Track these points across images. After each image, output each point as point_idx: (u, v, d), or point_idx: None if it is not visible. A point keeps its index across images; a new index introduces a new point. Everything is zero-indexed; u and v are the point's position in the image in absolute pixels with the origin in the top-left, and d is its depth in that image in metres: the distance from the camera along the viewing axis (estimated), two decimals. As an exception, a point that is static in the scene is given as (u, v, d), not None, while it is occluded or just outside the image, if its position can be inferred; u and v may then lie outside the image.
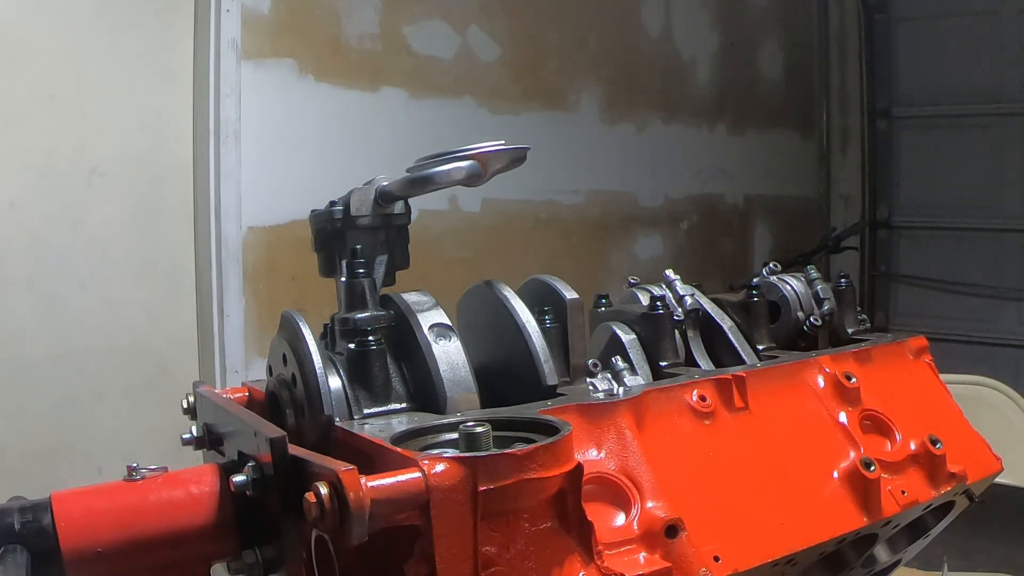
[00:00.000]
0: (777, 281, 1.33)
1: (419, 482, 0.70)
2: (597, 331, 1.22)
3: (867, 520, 1.01)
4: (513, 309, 1.03)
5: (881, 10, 5.75)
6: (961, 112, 5.53)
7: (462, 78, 3.97)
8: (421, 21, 3.83)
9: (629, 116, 4.72)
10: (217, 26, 3.17)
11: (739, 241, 5.44)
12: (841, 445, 1.06)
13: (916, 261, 5.82)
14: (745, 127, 5.37)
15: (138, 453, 1.01)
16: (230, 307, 3.26)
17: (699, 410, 0.99)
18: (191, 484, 0.87)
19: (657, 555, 0.84)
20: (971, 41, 5.39)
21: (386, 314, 1.02)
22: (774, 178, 5.63)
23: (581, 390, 1.03)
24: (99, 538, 0.82)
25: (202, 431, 1.07)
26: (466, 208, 3.97)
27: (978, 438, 1.23)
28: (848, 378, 1.11)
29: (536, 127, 4.23)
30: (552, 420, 0.82)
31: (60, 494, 0.83)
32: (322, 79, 3.46)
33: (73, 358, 2.75)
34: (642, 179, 4.80)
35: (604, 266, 4.60)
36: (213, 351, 3.26)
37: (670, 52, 4.95)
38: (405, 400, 0.98)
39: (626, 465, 0.89)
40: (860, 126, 5.89)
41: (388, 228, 1.10)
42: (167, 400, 1.36)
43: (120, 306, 2.95)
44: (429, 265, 3.43)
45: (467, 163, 1.02)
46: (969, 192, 5.52)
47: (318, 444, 0.91)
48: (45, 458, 2.69)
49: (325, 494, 0.68)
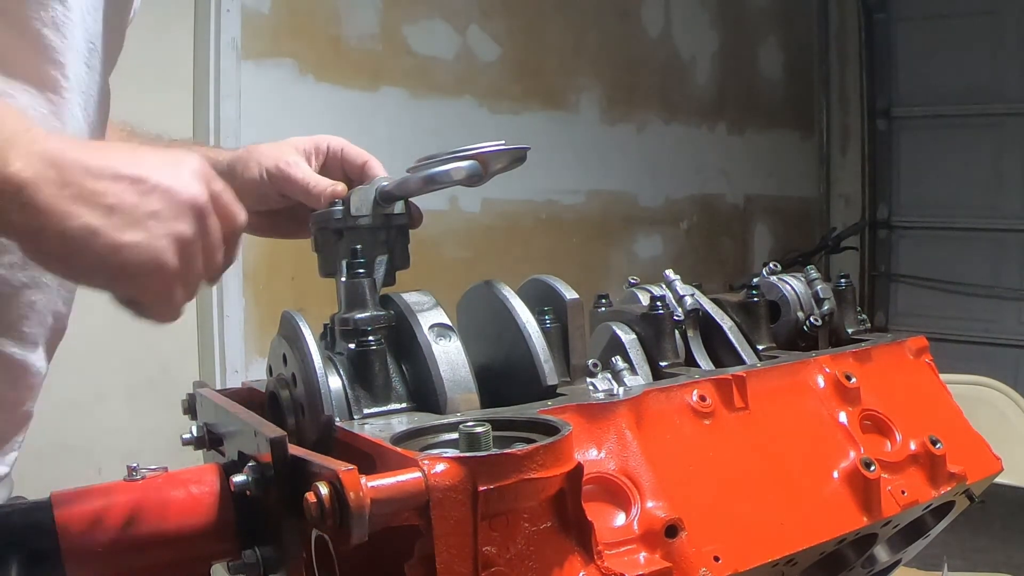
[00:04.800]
0: (777, 281, 1.33)
1: (419, 482, 0.70)
2: (597, 331, 1.22)
3: (867, 520, 1.01)
4: (513, 309, 1.03)
5: (881, 10, 5.76)
6: (961, 112, 5.53)
7: (462, 78, 3.98)
8: (421, 21, 3.83)
9: (629, 116, 4.72)
10: (217, 26, 3.17)
11: (739, 241, 5.44)
12: (841, 445, 1.06)
13: (916, 261, 5.82)
14: (745, 127, 5.37)
15: (138, 453, 1.01)
16: (230, 307, 3.26)
17: (699, 410, 0.99)
18: (191, 484, 0.87)
19: (657, 555, 0.84)
20: (971, 41, 5.39)
21: (386, 314, 1.02)
22: (774, 178, 5.63)
23: (581, 390, 1.03)
24: (99, 538, 0.82)
25: (202, 431, 1.07)
26: (466, 208, 3.97)
27: (978, 438, 1.23)
28: (848, 378, 1.11)
29: (536, 127, 4.23)
30: (552, 420, 0.82)
31: (60, 494, 0.83)
32: (322, 79, 3.46)
33: (73, 357, 2.75)
34: (642, 179, 4.80)
35: (604, 266, 4.60)
36: (213, 351, 3.26)
37: (670, 52, 4.95)
38: (405, 400, 0.98)
39: (626, 465, 0.89)
40: (860, 126, 5.89)
41: (388, 228, 1.10)
42: (167, 400, 1.36)
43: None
44: (429, 265, 3.43)
45: (467, 163, 1.02)
46: (969, 192, 5.52)
47: (318, 444, 0.91)
48: (45, 458, 2.69)
49: (325, 494, 0.68)
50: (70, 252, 0.73)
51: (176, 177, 0.78)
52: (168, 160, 0.80)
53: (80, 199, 0.71)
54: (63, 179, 0.71)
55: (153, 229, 0.75)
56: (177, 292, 0.81)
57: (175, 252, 0.78)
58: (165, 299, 0.81)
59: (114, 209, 0.73)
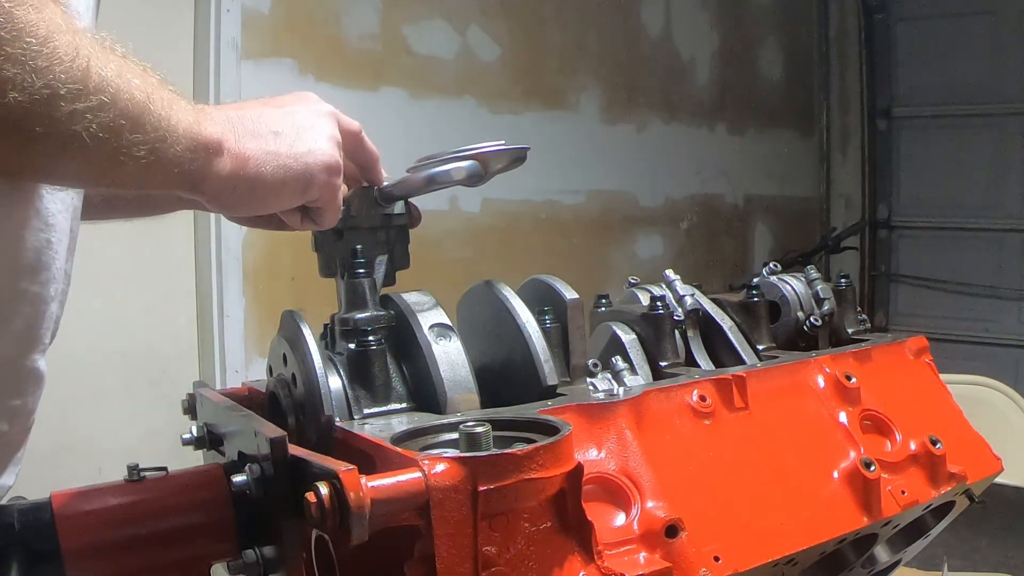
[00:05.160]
0: (777, 281, 1.33)
1: (419, 482, 0.70)
2: (597, 331, 1.22)
3: (867, 520, 1.01)
4: (513, 309, 1.03)
5: (881, 10, 5.75)
6: (961, 112, 5.53)
7: (462, 78, 3.97)
8: (421, 21, 3.83)
9: (629, 116, 4.72)
10: (217, 26, 3.17)
11: (739, 241, 5.44)
12: (841, 445, 1.06)
13: (916, 261, 5.82)
14: (745, 127, 5.37)
15: (138, 453, 1.01)
16: (230, 307, 3.25)
17: (699, 410, 0.99)
18: (191, 484, 0.87)
19: (657, 555, 0.84)
20: (971, 41, 5.39)
21: (386, 314, 1.02)
22: (774, 178, 5.62)
23: (581, 390, 1.03)
24: (99, 538, 0.82)
25: (202, 431, 1.07)
26: (466, 208, 3.97)
27: (978, 438, 1.23)
28: (848, 378, 1.11)
29: (536, 127, 4.23)
30: (552, 420, 0.82)
31: (60, 494, 0.83)
32: (322, 79, 3.46)
33: (73, 358, 2.75)
34: (642, 179, 4.80)
35: (604, 266, 4.60)
36: (213, 351, 3.25)
37: (670, 52, 4.95)
38: (405, 400, 0.99)
39: (626, 465, 0.89)
40: (860, 126, 5.89)
41: (388, 228, 1.10)
42: (167, 400, 1.36)
43: (120, 306, 2.94)
44: (429, 265, 3.42)
45: (467, 163, 1.02)
46: (969, 192, 5.52)
47: (318, 444, 0.91)
48: (45, 458, 2.69)
49: (325, 494, 0.68)
50: (263, 180, 0.89)
51: (307, 100, 0.99)
52: (290, 99, 0.99)
53: (253, 136, 0.89)
54: (236, 129, 0.88)
55: (314, 135, 0.94)
56: (340, 191, 0.98)
57: (337, 149, 0.96)
58: (336, 197, 0.97)
59: (279, 132, 0.92)
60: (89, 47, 0.72)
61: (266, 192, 0.90)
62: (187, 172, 0.83)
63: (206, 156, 0.84)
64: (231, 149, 0.87)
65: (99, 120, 0.72)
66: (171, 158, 0.80)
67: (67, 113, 0.70)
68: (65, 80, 0.69)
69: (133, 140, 0.76)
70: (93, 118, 0.72)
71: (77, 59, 0.70)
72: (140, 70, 0.79)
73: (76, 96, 0.70)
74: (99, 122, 0.72)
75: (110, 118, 0.73)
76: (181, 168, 0.82)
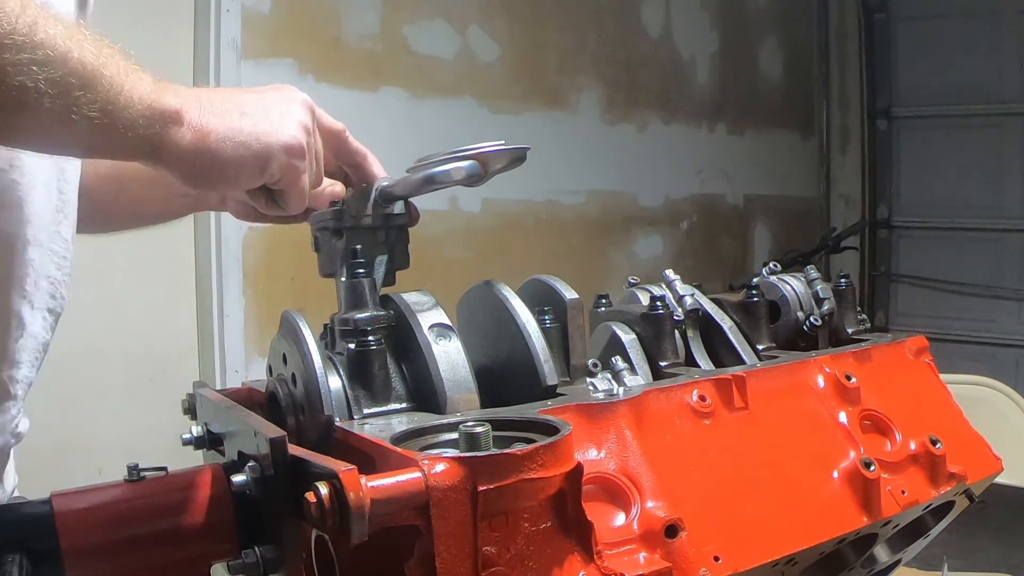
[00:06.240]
0: (777, 281, 1.33)
1: (419, 482, 0.70)
2: (597, 331, 1.21)
3: (867, 520, 1.01)
4: (513, 309, 1.03)
5: (881, 10, 5.76)
6: (961, 112, 5.53)
7: (462, 78, 3.98)
8: (421, 21, 3.83)
9: (629, 116, 4.72)
10: (217, 26, 3.17)
11: (739, 241, 5.44)
12: (841, 445, 1.06)
13: (916, 261, 5.83)
14: (745, 127, 5.37)
15: (138, 453, 1.01)
16: (230, 307, 3.26)
17: (699, 410, 0.99)
18: (191, 484, 0.87)
19: (657, 555, 0.84)
20: (971, 41, 5.39)
21: (386, 314, 1.02)
22: (774, 178, 5.63)
23: (581, 390, 1.03)
24: (99, 538, 0.82)
25: (202, 431, 1.07)
26: (466, 208, 3.97)
27: (978, 438, 1.23)
28: (848, 378, 1.11)
29: (536, 127, 4.23)
30: (552, 420, 0.82)
31: (60, 494, 0.83)
32: (322, 79, 3.46)
33: (73, 357, 2.75)
34: (642, 179, 4.80)
35: (604, 266, 4.60)
36: (213, 351, 3.26)
37: (670, 52, 4.95)
38: (405, 400, 0.98)
39: (626, 465, 0.89)
40: (860, 126, 5.90)
41: (388, 228, 1.10)
42: (167, 400, 1.36)
43: (120, 305, 2.94)
44: (429, 265, 3.43)
45: (467, 163, 1.02)
46: (969, 192, 5.52)
47: (318, 444, 0.91)
48: (45, 458, 2.69)
49: (325, 494, 0.68)
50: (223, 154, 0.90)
51: (284, 89, 1.00)
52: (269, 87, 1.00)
53: (219, 114, 0.91)
54: (202, 106, 0.90)
55: (280, 117, 0.95)
56: (305, 176, 0.99)
57: (303, 133, 0.96)
58: (299, 181, 0.98)
59: (246, 112, 0.93)
60: (38, 11, 0.76)
61: (225, 166, 0.91)
62: (142, 138, 0.85)
63: (163, 123, 0.86)
64: (192, 122, 0.88)
65: (46, 75, 0.75)
66: (125, 121, 0.82)
67: (11, 62, 0.73)
68: (10, 32, 0.73)
69: (85, 99, 0.78)
70: (39, 71, 0.75)
71: (23, 16, 0.74)
72: (97, 40, 0.82)
73: (21, 47, 0.74)
74: (46, 76, 0.75)
75: (59, 75, 0.76)
76: (135, 132, 0.84)
